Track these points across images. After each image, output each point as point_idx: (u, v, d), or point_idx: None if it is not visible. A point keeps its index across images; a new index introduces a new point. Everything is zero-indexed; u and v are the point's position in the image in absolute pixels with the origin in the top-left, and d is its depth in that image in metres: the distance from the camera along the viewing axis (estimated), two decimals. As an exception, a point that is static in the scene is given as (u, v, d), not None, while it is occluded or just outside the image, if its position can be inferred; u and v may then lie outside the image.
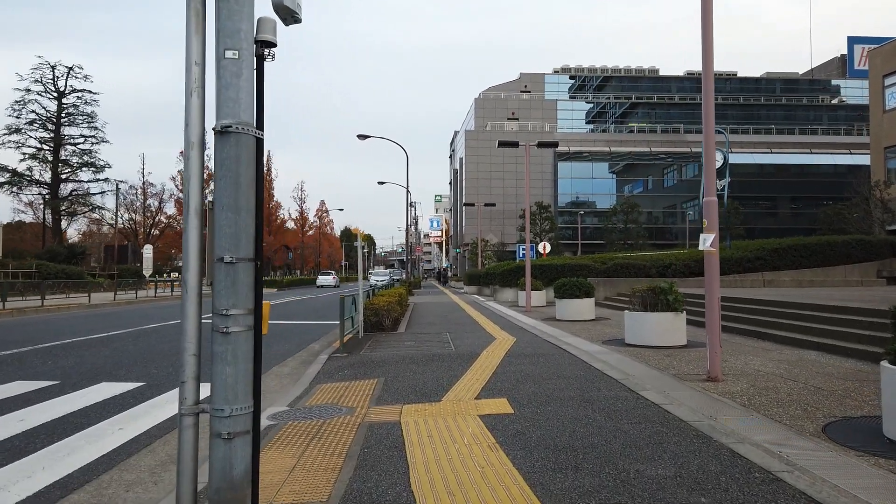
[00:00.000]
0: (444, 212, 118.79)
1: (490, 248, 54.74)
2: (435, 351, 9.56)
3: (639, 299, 10.13)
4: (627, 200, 59.76)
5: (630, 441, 4.49)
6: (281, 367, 9.06)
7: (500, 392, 6.33)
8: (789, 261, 21.88)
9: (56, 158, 43.74)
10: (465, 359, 8.67)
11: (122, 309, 22.80)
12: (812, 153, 65.24)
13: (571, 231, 64.12)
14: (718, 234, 6.90)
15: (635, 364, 8.03)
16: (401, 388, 6.73)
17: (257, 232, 3.13)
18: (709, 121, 6.97)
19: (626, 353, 9.11)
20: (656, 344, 9.70)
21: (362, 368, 8.16)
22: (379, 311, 12.78)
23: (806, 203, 64.12)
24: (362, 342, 10.94)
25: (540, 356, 8.80)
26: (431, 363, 8.36)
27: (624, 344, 10.11)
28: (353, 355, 9.35)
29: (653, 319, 9.80)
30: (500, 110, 70.32)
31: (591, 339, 11.06)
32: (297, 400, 6.46)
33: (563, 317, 15.28)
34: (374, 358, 8.98)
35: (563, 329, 12.89)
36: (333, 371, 8.12)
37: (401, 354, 9.25)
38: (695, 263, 22.14)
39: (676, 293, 9.89)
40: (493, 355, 8.93)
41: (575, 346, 9.85)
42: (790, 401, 5.75)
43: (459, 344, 10.42)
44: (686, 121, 71.42)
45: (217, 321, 3.03)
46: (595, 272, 22.36)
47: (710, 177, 7.02)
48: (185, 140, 3.09)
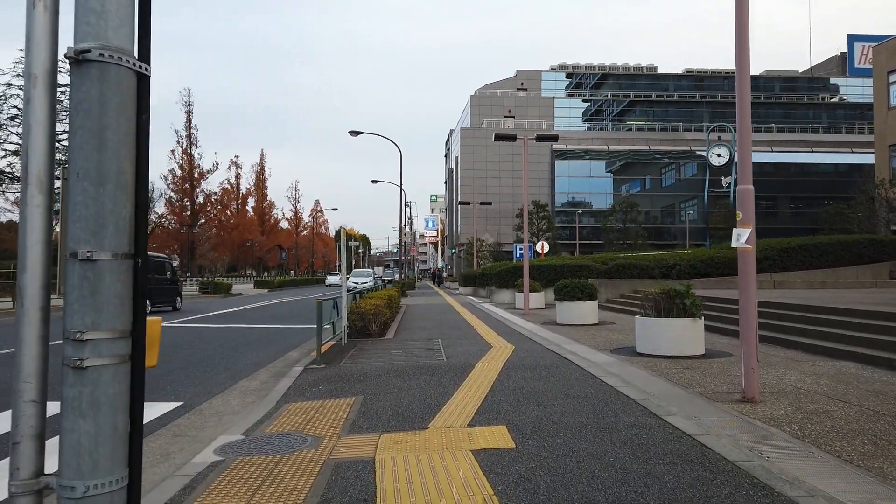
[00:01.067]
0: (439, 212, 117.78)
1: (486, 249, 53.74)
2: (424, 361, 8.52)
3: (651, 303, 9.12)
4: (627, 199, 58.79)
5: (668, 493, 3.46)
6: (250, 380, 8.00)
7: (497, 416, 5.30)
8: (799, 261, 20.91)
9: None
10: (458, 371, 7.64)
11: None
12: (813, 151, 64.41)
13: (569, 231, 63.16)
14: (754, 228, 5.88)
15: (653, 379, 7.01)
16: (381, 409, 5.69)
17: (138, 216, 2.08)
18: (744, 95, 5.95)
19: (640, 364, 8.09)
20: (672, 353, 8.69)
21: (340, 383, 7.12)
22: (365, 315, 11.74)
23: (806, 202, 63.30)
24: (345, 350, 9.90)
25: (542, 368, 7.77)
26: (419, 377, 7.32)
27: (635, 353, 9.10)
28: (331, 367, 8.30)
29: (668, 326, 8.78)
30: (496, 108, 69.27)
31: (597, 346, 10.03)
32: (257, 425, 5.42)
33: (564, 321, 14.27)
34: (355, 370, 7.94)
35: (565, 335, 11.86)
36: (307, 386, 7.09)
37: (385, 366, 8.21)
38: (700, 264, 21.17)
39: (693, 297, 8.88)
40: (490, 367, 7.90)
41: (581, 356, 8.82)
42: (851, 430, 4.74)
43: (452, 353, 9.38)
44: (685, 119, 70.54)
45: (68, 350, 1.96)
46: (595, 273, 21.36)
47: (745, 161, 6.00)
48: (26, 72, 2.03)
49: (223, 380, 8.03)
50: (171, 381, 7.87)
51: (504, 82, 73.26)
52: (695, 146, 65.71)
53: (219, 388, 7.51)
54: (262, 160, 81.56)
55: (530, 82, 72.66)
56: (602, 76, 74.36)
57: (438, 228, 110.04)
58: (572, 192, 67.06)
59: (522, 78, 72.86)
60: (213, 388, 7.45)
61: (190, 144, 60.82)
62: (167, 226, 63.13)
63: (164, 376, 8.20)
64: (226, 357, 10.03)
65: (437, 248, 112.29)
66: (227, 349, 11.04)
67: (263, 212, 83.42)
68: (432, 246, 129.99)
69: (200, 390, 7.33)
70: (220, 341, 12.25)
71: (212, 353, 10.55)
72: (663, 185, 68.68)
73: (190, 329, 14.90)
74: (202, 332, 13.99)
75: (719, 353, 9.05)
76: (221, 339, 12.70)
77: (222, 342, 12.09)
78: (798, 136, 67.61)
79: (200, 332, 14.00)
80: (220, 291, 35.07)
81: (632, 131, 69.12)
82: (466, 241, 59.35)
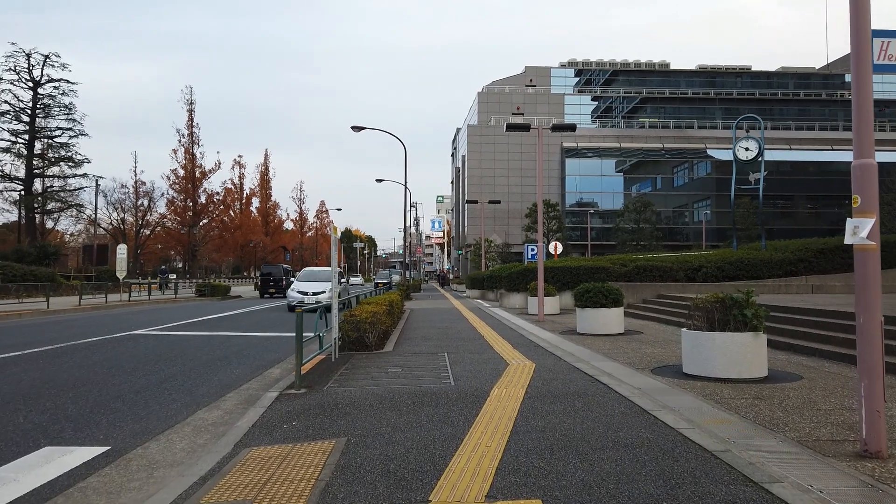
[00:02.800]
0: (445, 213, 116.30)
1: (494, 250, 52.10)
2: (427, 385, 6.98)
3: (702, 314, 7.54)
4: (640, 198, 56.99)
5: None
6: (210, 410, 6.47)
7: (527, 480, 3.75)
8: (837, 263, 19.25)
9: (31, 152, 41.02)
10: (469, 400, 6.10)
11: (81, 316, 20.27)
12: (833, 150, 62.44)
13: (579, 231, 61.43)
14: (878, 219, 4.29)
15: (723, 416, 5.43)
16: (366, 462, 4.16)
17: None
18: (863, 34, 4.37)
19: (695, 391, 6.51)
20: (729, 375, 7.12)
21: (319, 417, 5.59)
22: (361, 324, 10.20)
23: (825, 202, 61.39)
24: (334, 368, 8.36)
25: (575, 397, 6.21)
26: (420, 409, 5.78)
27: (682, 374, 7.53)
28: (313, 392, 6.77)
29: (725, 342, 7.21)
30: (504, 105, 67.58)
31: (632, 364, 8.46)
32: (196, 486, 3.91)
33: (585, 330, 12.69)
34: (342, 397, 6.40)
35: (590, 348, 10.29)
36: (277, 421, 5.57)
37: (380, 391, 6.67)
38: (728, 266, 19.55)
39: (755, 306, 7.30)
40: (508, 395, 6.34)
41: (617, 378, 7.25)
42: None
43: (461, 372, 7.83)
44: (698, 117, 68.71)
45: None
46: (614, 276, 19.76)
47: (864, 127, 4.42)
48: None
49: (178, 409, 6.51)
50: (112, 411, 6.35)
51: (512, 79, 71.62)
52: (710, 144, 63.92)
53: (169, 421, 5.98)
54: (266, 160, 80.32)
55: (539, 79, 70.99)
56: (613, 73, 72.59)
57: (445, 230, 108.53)
58: (582, 192, 65.32)
59: (531, 74, 71.19)
60: (161, 423, 5.93)
61: (192, 143, 59.63)
62: (170, 226, 61.89)
63: (108, 404, 6.69)
64: (193, 376, 8.51)
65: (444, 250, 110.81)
66: (199, 364, 9.52)
67: (267, 212, 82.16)
68: (438, 247, 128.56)
69: (143, 426, 5.81)
70: (194, 354, 10.74)
71: (179, 370, 9.03)
72: (675, 184, 66.86)
73: (167, 338, 13.40)
74: (179, 343, 12.49)
75: (785, 374, 7.47)
76: (198, 350, 11.20)
77: (197, 355, 10.58)
78: (817, 133, 65.63)
79: (177, 343, 12.50)
80: (218, 294, 33.63)
81: (644, 128, 67.28)
82: (474, 241, 57.76)
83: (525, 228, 51.12)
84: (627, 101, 71.22)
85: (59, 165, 42.98)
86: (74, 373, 8.67)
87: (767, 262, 19.34)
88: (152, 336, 13.73)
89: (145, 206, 61.12)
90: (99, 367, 9.15)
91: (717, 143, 64.01)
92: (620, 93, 71.10)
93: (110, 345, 11.88)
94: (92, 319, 18.61)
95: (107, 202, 56.84)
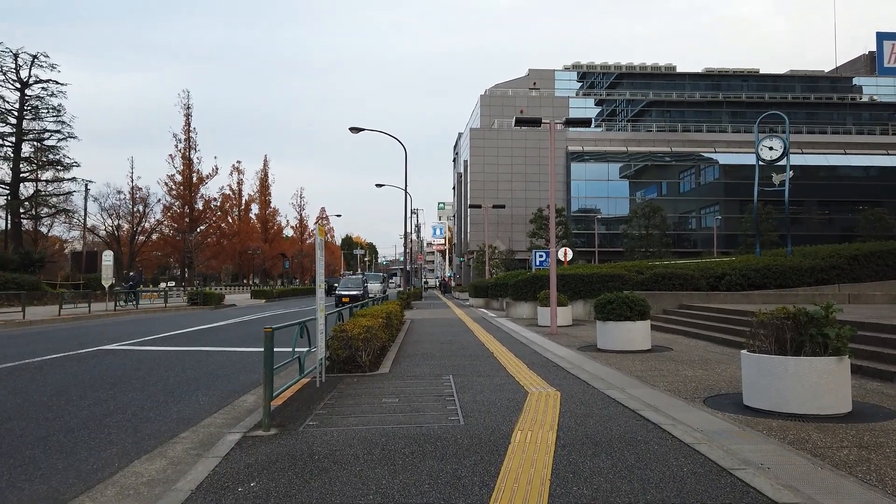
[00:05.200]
0: (447, 219, 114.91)
1: (497, 257, 50.63)
2: (430, 424, 5.55)
3: (770, 332, 6.11)
4: (649, 204, 55.50)
5: None
6: (151, 459, 5.02)
7: None
8: (872, 270, 17.83)
9: (17, 155, 39.60)
10: (485, 450, 4.68)
11: (57, 328, 18.86)
12: (846, 154, 60.99)
13: (584, 238, 59.94)
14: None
15: (836, 481, 3.99)
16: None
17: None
18: None
19: (776, 436, 5.08)
20: (807, 411, 5.70)
21: (287, 475, 4.17)
22: (353, 341, 8.77)
23: (837, 208, 59.90)
24: (317, 396, 6.93)
25: (622, 446, 4.78)
26: (421, 463, 4.36)
27: (745, 408, 6.11)
28: (286, 434, 5.34)
29: (799, 370, 5.78)
30: (507, 108, 66.18)
31: (677, 392, 7.03)
32: None
33: (607, 345, 11.26)
34: (321, 444, 4.97)
35: (618, 368, 8.86)
36: (231, 481, 4.15)
37: (370, 434, 5.24)
38: (754, 273, 18.13)
39: (837, 325, 5.87)
40: (535, 442, 4.91)
41: (667, 415, 5.82)
42: None
43: (471, 404, 6.40)
44: (705, 121, 67.31)
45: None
46: (630, 284, 18.34)
47: None
48: None
49: (111, 457, 5.08)
50: (22, 462, 4.93)
51: (516, 82, 70.33)
52: (719, 148, 62.52)
53: (90, 478, 4.56)
54: (265, 166, 78.89)
55: (543, 82, 69.68)
56: (618, 76, 71.27)
57: (446, 236, 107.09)
58: (589, 197, 63.88)
59: (535, 77, 69.88)
60: (79, 481, 4.51)
61: (189, 148, 58.31)
62: (166, 233, 60.51)
63: (21, 450, 5.26)
64: (148, 406, 7.09)
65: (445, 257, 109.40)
66: (160, 390, 8.09)
67: (267, 219, 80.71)
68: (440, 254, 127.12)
69: (51, 486, 4.39)
70: (160, 375, 9.31)
71: (134, 397, 7.61)
72: (681, 189, 65.42)
73: (137, 354, 11.98)
74: (148, 361, 11.06)
75: (872, 409, 6.06)
76: (166, 371, 9.76)
77: (163, 377, 9.15)
78: (828, 137, 64.17)
79: (146, 360, 11.07)
80: (211, 302, 32.21)
81: (651, 132, 65.86)
82: (477, 248, 56.33)
83: (530, 235, 49.67)
84: (633, 105, 69.91)
85: (48, 169, 41.57)
86: (5, 402, 7.25)
87: (796, 270, 17.91)
88: (121, 352, 12.30)
89: (141, 212, 59.74)
90: (39, 394, 7.73)
91: (726, 147, 62.62)
92: (626, 96, 69.77)
93: (68, 364, 10.45)
94: (66, 332, 17.19)
95: (101, 208, 55.44)
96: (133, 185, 58.53)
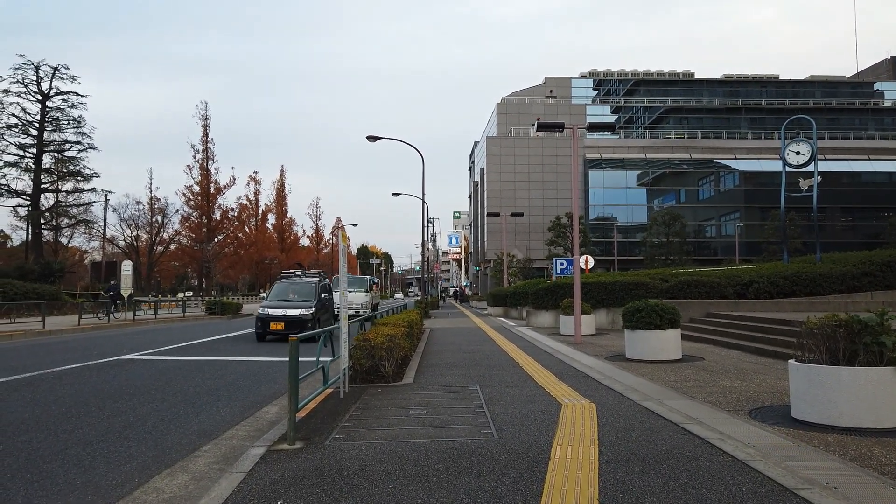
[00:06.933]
0: (462, 228, 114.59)
1: (515, 265, 50.24)
2: (462, 438, 5.27)
3: (820, 341, 5.77)
4: (669, 211, 54.84)
5: None
6: (172, 474, 4.79)
7: None
8: (907, 277, 17.26)
9: (38, 166, 39.98)
10: (523, 466, 4.40)
11: (77, 337, 18.82)
12: (870, 159, 59.93)
13: (603, 245, 59.35)
14: None
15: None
16: None
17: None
18: None
19: (835, 451, 4.74)
20: (862, 424, 5.36)
21: (315, 495, 3.93)
22: (375, 350, 8.53)
23: (860, 214, 58.79)
24: (342, 408, 6.69)
25: (672, 462, 4.47)
26: (457, 480, 4.09)
27: (793, 421, 5.77)
28: (312, 447, 5.09)
29: (854, 381, 5.45)
30: (524, 116, 65.94)
31: (718, 404, 6.69)
32: None
33: (636, 355, 10.91)
34: (349, 459, 4.72)
35: (651, 379, 8.52)
36: (257, 499, 3.92)
37: (399, 448, 4.98)
38: (783, 281, 17.66)
39: (893, 333, 5.52)
40: (577, 457, 4.62)
41: (713, 428, 5.49)
42: None
43: (503, 416, 6.12)
44: (725, 127, 66.59)
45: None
46: (655, 292, 17.93)
47: None
48: None
49: (131, 472, 4.86)
50: (40, 476, 4.72)
51: (532, 90, 70.12)
52: (739, 154, 61.73)
53: (108, 495, 4.34)
54: (282, 176, 79.28)
55: (560, 90, 69.42)
56: (635, 83, 70.82)
57: (462, 245, 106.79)
58: (606, 205, 63.29)
59: (551, 85, 69.64)
60: (97, 498, 4.29)
61: (206, 159, 58.67)
62: (184, 243, 60.88)
63: (38, 465, 5.06)
64: (168, 418, 6.88)
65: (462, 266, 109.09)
66: (181, 401, 7.90)
67: (283, 228, 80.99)
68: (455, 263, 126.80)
69: (69, 503, 4.18)
70: (180, 385, 9.12)
71: (154, 408, 7.41)
72: (700, 197, 64.61)
73: (156, 364, 11.82)
74: (168, 371, 10.89)
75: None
76: (185, 381, 9.58)
77: (183, 387, 8.96)
78: (851, 143, 63.14)
79: (166, 371, 10.90)
80: (228, 312, 32.18)
81: (670, 139, 65.21)
82: (494, 256, 56.01)
83: (548, 243, 49.21)
84: (650, 112, 69.36)
85: (68, 180, 41.92)
86: (23, 413, 7.08)
87: (827, 277, 17.42)
88: (140, 362, 12.15)
89: (159, 222, 60.18)
90: (58, 405, 7.56)
91: (746, 154, 61.82)
92: (643, 103, 69.26)
93: (86, 374, 10.30)
94: (85, 341, 17.14)
95: (120, 219, 55.90)
96: (152, 196, 59.07)
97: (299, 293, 17.83)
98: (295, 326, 15.99)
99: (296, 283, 18.40)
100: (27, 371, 10.60)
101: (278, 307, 16.96)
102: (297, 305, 17.04)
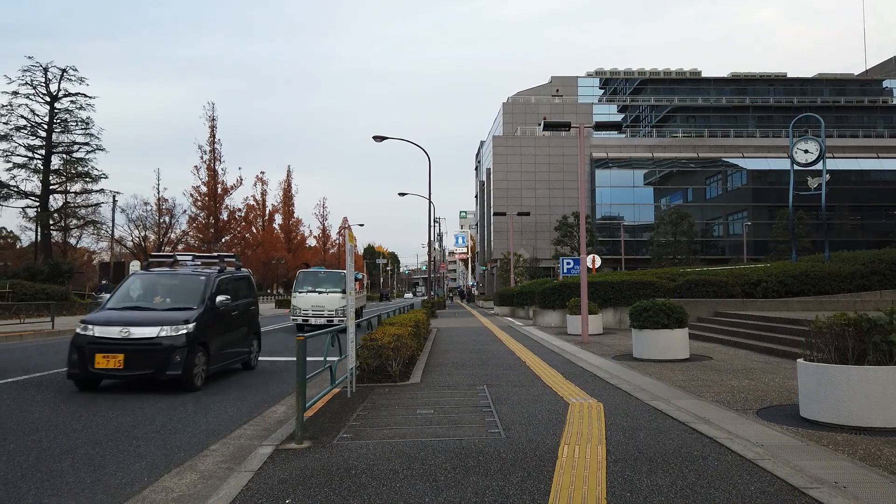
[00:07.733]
0: (468, 228, 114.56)
1: (522, 265, 50.17)
2: (470, 437, 5.28)
3: (829, 340, 5.74)
4: (676, 210, 54.63)
5: None
6: (181, 473, 4.82)
7: None
8: (916, 276, 17.15)
9: (47, 167, 40.23)
10: (531, 465, 4.40)
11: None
12: (879, 157, 59.50)
13: (609, 245, 59.19)
14: None
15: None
16: None
17: None
18: None
19: (844, 451, 4.72)
20: (872, 424, 5.34)
21: (323, 494, 3.94)
22: (383, 350, 8.55)
23: (869, 213, 58.39)
24: (349, 407, 6.71)
25: (679, 461, 4.46)
26: (465, 479, 4.09)
27: (802, 420, 5.75)
28: (319, 446, 5.11)
29: (863, 379, 5.42)
30: (530, 115, 65.85)
31: (726, 403, 6.67)
32: None
33: (643, 354, 10.88)
34: (356, 458, 4.73)
35: (659, 378, 8.50)
36: (265, 497, 3.92)
37: (407, 448, 4.99)
38: (791, 280, 17.58)
39: (903, 331, 5.48)
40: (585, 457, 4.61)
41: (721, 427, 5.48)
42: None
43: (510, 415, 6.12)
44: (733, 125, 66.27)
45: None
46: (662, 291, 17.88)
47: None
48: None
49: (140, 471, 4.89)
50: (51, 475, 4.75)
51: (538, 89, 69.99)
52: (747, 153, 61.43)
53: (117, 495, 4.36)
54: (288, 176, 79.41)
55: (566, 89, 69.25)
56: (642, 82, 70.57)
57: (468, 245, 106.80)
58: (613, 204, 63.10)
59: (557, 84, 69.47)
60: (107, 497, 4.32)
61: (213, 159, 58.89)
62: (192, 243, 61.13)
63: (48, 464, 5.09)
64: (176, 418, 6.92)
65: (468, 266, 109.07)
66: (188, 400, 7.93)
67: (290, 229, 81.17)
68: (462, 263, 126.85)
69: (79, 502, 4.20)
70: (189, 385, 9.14)
71: (160, 408, 7.44)
72: (707, 196, 64.30)
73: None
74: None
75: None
76: (194, 380, 9.60)
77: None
78: (860, 141, 62.71)
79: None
80: (235, 312, 32.23)
81: (678, 138, 64.94)
82: (501, 256, 55.95)
83: (555, 242, 49.11)
84: (657, 111, 69.13)
85: (76, 181, 42.14)
86: (33, 412, 7.13)
87: (836, 276, 17.33)
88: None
89: (167, 223, 60.42)
90: (67, 404, 7.61)
91: (754, 153, 61.49)
92: (650, 102, 69.04)
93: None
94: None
95: (128, 219, 56.18)
96: (159, 197, 59.23)
97: (173, 294, 9.51)
98: (143, 361, 8.19)
99: (172, 277, 10.05)
100: (38, 371, 10.68)
101: (118, 320, 8.64)
102: (155, 319, 8.59)
